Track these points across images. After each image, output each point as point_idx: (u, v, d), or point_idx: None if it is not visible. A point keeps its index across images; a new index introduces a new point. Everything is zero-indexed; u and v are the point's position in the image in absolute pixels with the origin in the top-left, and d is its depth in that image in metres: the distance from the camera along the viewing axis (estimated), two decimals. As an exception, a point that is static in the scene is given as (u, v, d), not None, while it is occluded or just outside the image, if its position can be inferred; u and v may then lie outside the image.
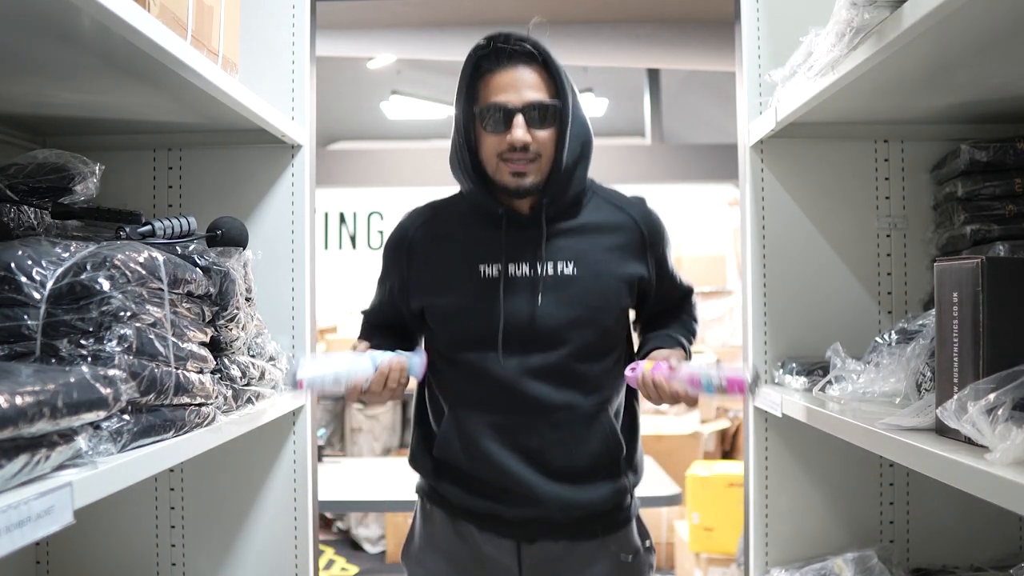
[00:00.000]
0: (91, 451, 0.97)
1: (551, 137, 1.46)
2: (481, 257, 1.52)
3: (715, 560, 3.92)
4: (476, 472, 1.52)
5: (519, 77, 1.44)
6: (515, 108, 1.43)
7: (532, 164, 1.46)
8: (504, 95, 1.44)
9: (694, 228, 7.69)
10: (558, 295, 1.50)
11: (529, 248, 1.51)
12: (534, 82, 1.45)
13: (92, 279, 1.04)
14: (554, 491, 1.50)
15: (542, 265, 1.50)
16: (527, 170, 1.46)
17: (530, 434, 1.50)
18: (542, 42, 1.47)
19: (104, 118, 1.66)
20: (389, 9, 4.87)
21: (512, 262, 1.51)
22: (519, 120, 1.43)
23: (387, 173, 7.56)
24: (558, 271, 1.51)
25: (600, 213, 1.56)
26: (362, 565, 5.01)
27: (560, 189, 1.50)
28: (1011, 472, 0.86)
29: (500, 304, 1.49)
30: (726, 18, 2.03)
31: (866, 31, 1.23)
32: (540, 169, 1.47)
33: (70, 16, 1.03)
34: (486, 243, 1.53)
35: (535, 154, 1.45)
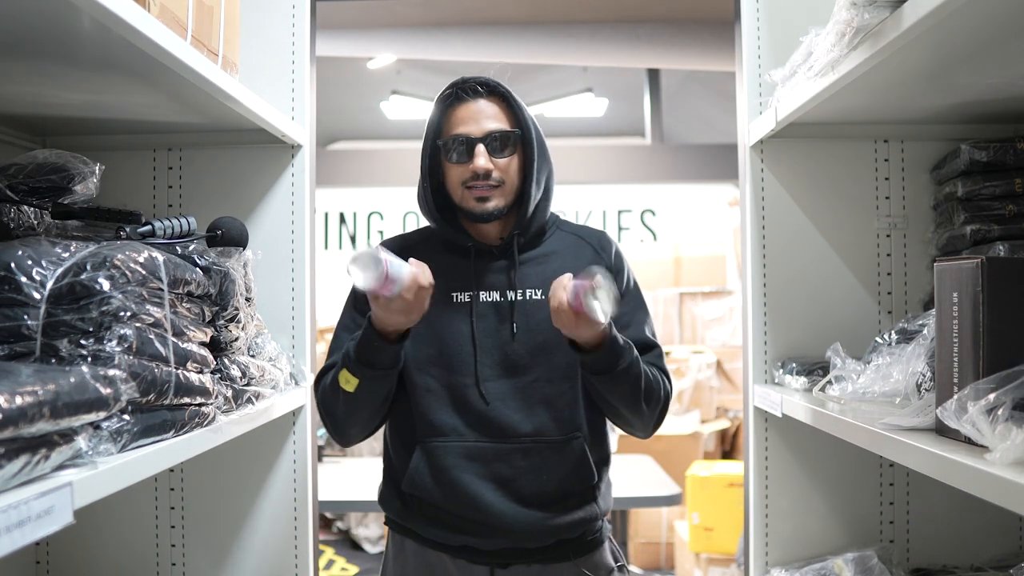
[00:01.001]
0: (91, 451, 0.97)
1: (512, 164, 1.52)
2: (452, 284, 1.54)
3: (715, 560, 3.92)
4: (448, 504, 1.51)
5: (479, 109, 1.52)
6: (476, 138, 1.50)
7: (495, 190, 1.51)
8: (465, 127, 1.51)
9: (694, 228, 7.69)
10: (527, 320, 1.53)
11: (499, 276, 1.55)
12: (494, 113, 1.52)
13: (92, 279, 1.04)
14: (526, 519, 1.50)
15: (512, 291, 1.54)
16: (490, 195, 1.51)
17: (501, 462, 1.50)
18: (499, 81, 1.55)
19: (104, 118, 1.66)
20: (389, 9, 4.87)
21: (483, 289, 1.55)
22: (480, 149, 1.49)
23: (387, 173, 7.56)
24: (527, 296, 1.54)
25: (562, 242, 1.61)
26: (362, 565, 5.01)
27: (528, 218, 1.55)
28: (1011, 472, 0.86)
29: (472, 326, 1.52)
30: (726, 18, 2.03)
31: (866, 31, 1.23)
32: (504, 194, 1.52)
33: (70, 16, 1.03)
34: (457, 271, 1.55)
35: (498, 181, 1.51)
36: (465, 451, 1.50)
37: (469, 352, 1.51)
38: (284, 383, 1.69)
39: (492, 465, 1.50)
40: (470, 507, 1.50)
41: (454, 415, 1.51)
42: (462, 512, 1.50)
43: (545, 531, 1.51)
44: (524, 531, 1.50)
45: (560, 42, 5.30)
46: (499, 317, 1.53)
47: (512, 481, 1.50)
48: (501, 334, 1.52)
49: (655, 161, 7.57)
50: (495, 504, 1.49)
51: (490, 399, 1.50)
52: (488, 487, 1.50)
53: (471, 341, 1.52)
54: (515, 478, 1.50)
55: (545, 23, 5.20)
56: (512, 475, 1.50)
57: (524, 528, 1.50)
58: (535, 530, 1.50)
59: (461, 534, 1.51)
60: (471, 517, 1.50)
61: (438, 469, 1.50)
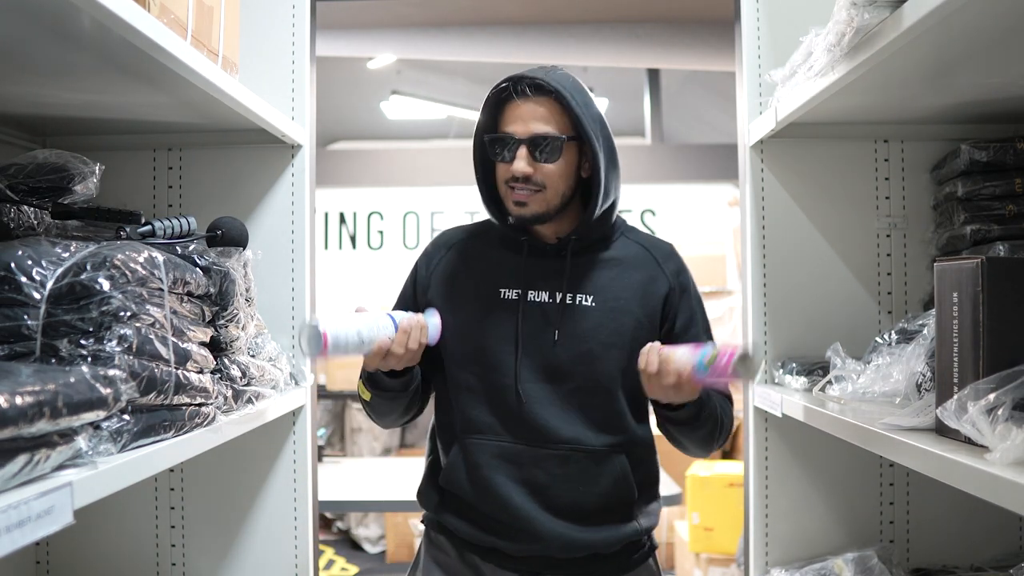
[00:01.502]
0: (91, 451, 0.97)
1: (557, 171, 1.46)
2: (502, 281, 1.52)
3: (715, 560, 3.92)
4: (480, 504, 1.49)
5: (529, 109, 1.45)
6: (519, 139, 1.44)
7: (535, 195, 1.46)
8: (512, 126, 1.45)
9: (694, 228, 7.69)
10: (574, 326, 1.48)
11: (550, 276, 1.51)
12: (543, 115, 1.45)
13: (92, 279, 1.04)
14: (557, 529, 1.46)
15: (561, 294, 1.50)
16: (528, 200, 1.46)
17: (536, 468, 1.47)
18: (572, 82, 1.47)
19: (104, 118, 1.66)
20: (389, 9, 4.87)
21: (531, 288, 1.51)
22: (522, 151, 1.44)
23: (387, 173, 7.56)
24: (577, 302, 1.50)
25: (625, 251, 1.55)
26: (362, 565, 5.01)
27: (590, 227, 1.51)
28: (1011, 472, 0.86)
29: (517, 325, 1.49)
30: (726, 18, 2.03)
31: (866, 31, 1.23)
32: (546, 200, 1.47)
33: (70, 16, 1.03)
34: (508, 267, 1.53)
35: (538, 185, 1.45)
36: (500, 451, 1.48)
37: (510, 351, 1.48)
38: (284, 383, 1.69)
39: (525, 469, 1.47)
40: (500, 508, 1.47)
41: (491, 413, 1.48)
42: (492, 512, 1.48)
43: (576, 544, 1.47)
44: (553, 540, 1.46)
45: (560, 42, 5.29)
46: (544, 319, 1.49)
47: (546, 488, 1.47)
48: (544, 337, 1.48)
49: (655, 161, 7.57)
50: (524, 509, 1.46)
51: (527, 400, 1.46)
52: (519, 491, 1.47)
53: (514, 340, 1.48)
54: (549, 485, 1.47)
55: (545, 23, 5.20)
56: (546, 482, 1.47)
57: (553, 537, 1.46)
58: (565, 541, 1.47)
59: (490, 534, 1.49)
60: (500, 517, 1.48)
61: (473, 466, 1.48)
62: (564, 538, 1.47)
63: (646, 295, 1.52)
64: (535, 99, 1.45)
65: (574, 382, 1.48)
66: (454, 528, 1.53)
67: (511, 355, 1.48)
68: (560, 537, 1.46)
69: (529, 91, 1.45)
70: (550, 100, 1.45)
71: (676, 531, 4.43)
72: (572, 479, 1.47)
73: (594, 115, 1.47)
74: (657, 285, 1.53)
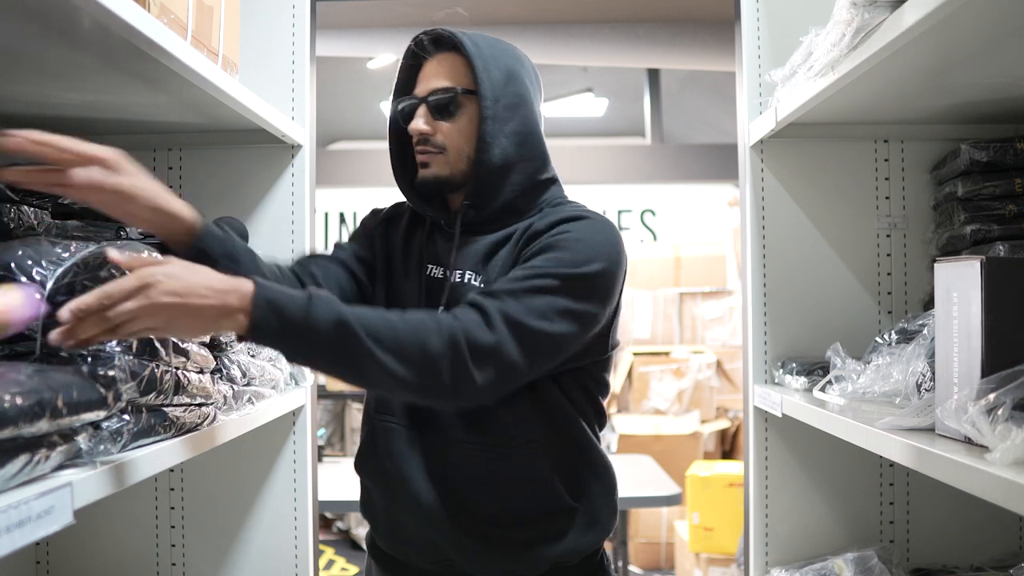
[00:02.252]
0: (91, 451, 0.97)
1: (458, 128, 1.34)
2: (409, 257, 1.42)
3: (715, 560, 3.92)
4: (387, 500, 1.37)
5: (431, 67, 1.36)
6: (420, 99, 1.35)
7: (437, 156, 1.35)
8: (417, 87, 1.38)
9: (694, 228, 7.69)
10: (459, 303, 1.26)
11: (445, 253, 1.38)
12: (444, 71, 1.34)
13: (92, 279, 1.04)
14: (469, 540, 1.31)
15: (450, 272, 1.35)
16: (430, 161, 1.35)
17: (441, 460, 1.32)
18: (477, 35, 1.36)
19: (104, 118, 1.66)
20: (389, 9, 4.87)
21: (429, 263, 1.39)
22: (421, 110, 1.34)
23: (387, 173, 7.53)
24: (465, 280, 1.34)
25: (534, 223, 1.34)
26: (362, 565, 5.01)
27: (485, 191, 1.34)
28: (1011, 472, 0.86)
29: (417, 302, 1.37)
30: (726, 18, 2.03)
31: (866, 31, 1.23)
32: (448, 162, 1.34)
33: (70, 16, 1.03)
34: (416, 245, 1.43)
35: (438, 146, 1.34)
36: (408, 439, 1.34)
37: None
38: (284, 383, 1.69)
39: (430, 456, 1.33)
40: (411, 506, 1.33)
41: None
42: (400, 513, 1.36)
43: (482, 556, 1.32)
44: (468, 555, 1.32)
45: (560, 42, 5.29)
46: (436, 298, 1.35)
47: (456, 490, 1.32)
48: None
49: (655, 161, 7.57)
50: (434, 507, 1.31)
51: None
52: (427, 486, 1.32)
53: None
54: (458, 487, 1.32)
55: (545, 23, 5.20)
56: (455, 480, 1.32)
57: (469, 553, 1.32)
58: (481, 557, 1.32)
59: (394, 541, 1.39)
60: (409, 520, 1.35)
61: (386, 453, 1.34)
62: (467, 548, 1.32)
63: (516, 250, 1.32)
64: (437, 55, 1.36)
65: None
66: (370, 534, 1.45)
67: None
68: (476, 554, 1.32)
69: (430, 48, 1.36)
70: (453, 54, 1.35)
71: (676, 531, 4.43)
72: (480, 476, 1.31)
73: (501, 66, 1.32)
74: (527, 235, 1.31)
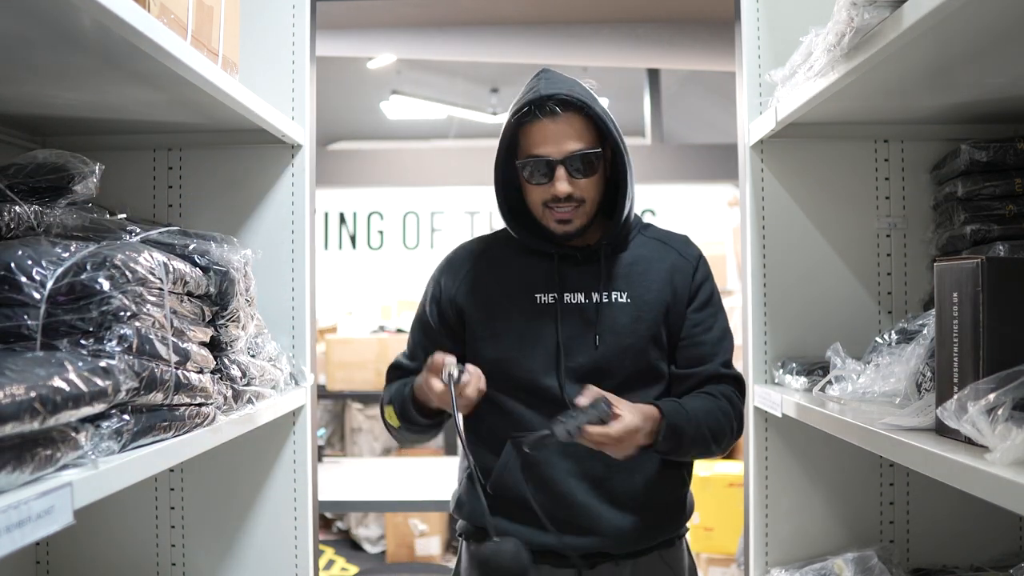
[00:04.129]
0: (92, 450, 0.97)
1: (594, 183, 1.49)
2: (537, 286, 1.54)
3: (715, 560, 3.92)
4: (537, 499, 1.47)
5: (558, 129, 1.45)
6: (556, 160, 1.45)
7: (577, 210, 1.49)
8: (544, 147, 1.45)
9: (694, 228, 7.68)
10: (613, 323, 1.51)
11: (584, 278, 1.54)
12: (575, 132, 1.45)
13: (92, 279, 1.04)
14: (617, 521, 1.48)
15: (597, 294, 1.53)
16: (572, 216, 1.49)
17: (594, 459, 1.46)
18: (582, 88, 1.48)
19: (104, 118, 1.66)
20: (389, 9, 4.87)
21: (567, 291, 1.53)
22: (560, 172, 1.45)
23: (387, 173, 7.56)
24: (613, 299, 1.52)
25: (646, 247, 1.59)
26: (362, 565, 5.01)
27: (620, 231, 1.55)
28: (1011, 472, 0.86)
29: (557, 328, 1.51)
30: (726, 18, 2.03)
31: (866, 31, 1.23)
32: (585, 213, 1.50)
33: (70, 16, 1.03)
34: (540, 273, 1.55)
35: (579, 200, 1.48)
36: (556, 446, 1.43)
37: (552, 355, 1.50)
38: (284, 383, 1.69)
39: (584, 462, 1.48)
40: (561, 504, 1.48)
41: (541, 414, 1.48)
42: (553, 510, 1.47)
43: (636, 536, 1.50)
44: (615, 533, 1.49)
45: (560, 42, 5.29)
46: (584, 320, 1.51)
47: (605, 480, 1.48)
48: (586, 337, 1.51)
49: (655, 161, 7.57)
50: (586, 504, 1.48)
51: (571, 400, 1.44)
52: (579, 484, 1.48)
53: (555, 343, 1.50)
54: (608, 477, 1.48)
55: (545, 23, 5.20)
56: (605, 473, 1.48)
57: (613, 530, 1.48)
58: (627, 534, 1.49)
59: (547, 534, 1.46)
60: (562, 516, 1.48)
61: (528, 464, 1.48)
62: (623, 530, 1.49)
63: (673, 281, 1.56)
64: (563, 116, 1.45)
65: (619, 377, 1.50)
66: (503, 530, 1.49)
67: (552, 358, 1.50)
68: (618, 529, 1.48)
69: (556, 109, 1.44)
70: (576, 115, 1.46)
71: (676, 531, 4.43)
72: (628, 468, 1.47)
73: (613, 120, 1.48)
74: (682, 269, 1.58)
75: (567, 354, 1.50)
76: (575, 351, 1.50)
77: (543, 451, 1.46)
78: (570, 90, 1.45)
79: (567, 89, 1.45)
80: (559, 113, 1.44)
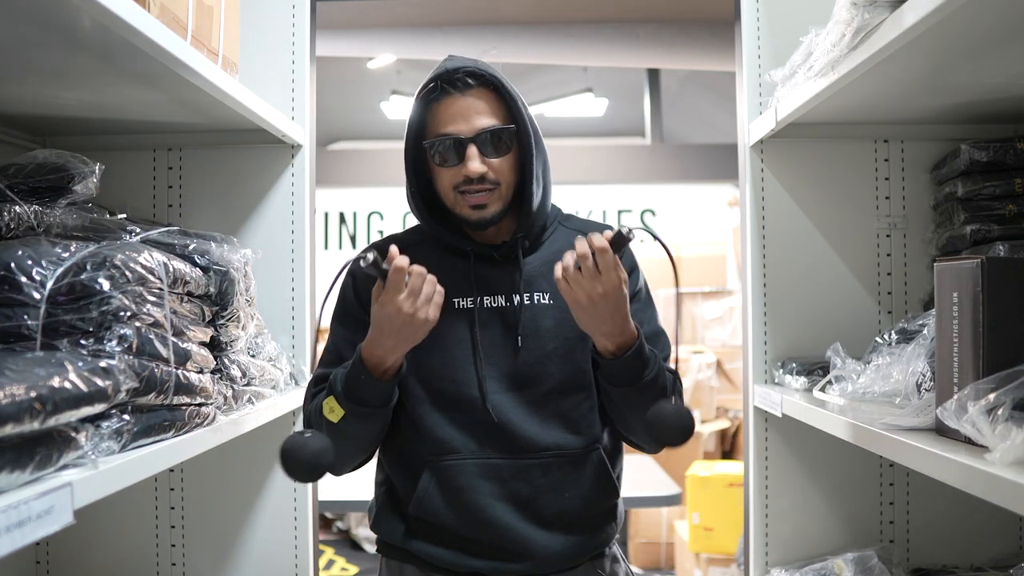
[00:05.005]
0: (92, 450, 0.97)
1: (509, 163, 1.37)
2: (453, 290, 1.39)
3: (715, 560, 3.92)
4: (462, 528, 1.38)
5: (467, 104, 1.34)
6: (467, 138, 1.34)
7: (492, 194, 1.36)
8: (453, 125, 1.34)
9: (694, 228, 7.69)
10: (536, 326, 1.40)
11: (503, 280, 1.42)
12: (484, 107, 1.35)
13: (92, 279, 1.04)
14: (549, 543, 1.39)
15: (518, 296, 1.40)
16: (487, 201, 1.37)
17: (519, 480, 1.38)
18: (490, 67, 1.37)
19: (104, 118, 1.66)
20: (389, 9, 4.87)
21: (486, 294, 1.41)
22: (472, 150, 1.34)
23: (387, 173, 7.56)
24: (535, 300, 1.41)
25: (567, 240, 1.41)
26: (362, 565, 5.01)
27: (533, 222, 1.42)
28: (1011, 472, 0.86)
29: (474, 335, 1.39)
30: (726, 18, 2.03)
31: (866, 31, 1.23)
32: (501, 196, 1.38)
33: (70, 16, 1.03)
34: (456, 274, 1.41)
35: (493, 183, 1.36)
36: (479, 469, 1.38)
37: (471, 363, 1.39)
38: (284, 383, 1.69)
39: (509, 484, 1.38)
40: (487, 530, 1.38)
41: (461, 431, 1.38)
42: (477, 536, 1.39)
43: (570, 555, 1.41)
44: (548, 556, 1.39)
45: (560, 42, 5.29)
46: (504, 324, 1.40)
47: (532, 501, 1.39)
48: (507, 342, 1.39)
49: (655, 161, 7.58)
50: (513, 527, 1.38)
51: (498, 414, 1.37)
52: (506, 508, 1.38)
53: (473, 351, 1.39)
54: (535, 497, 1.39)
55: (545, 23, 5.20)
56: (532, 494, 1.39)
57: (547, 553, 1.39)
58: (560, 555, 1.40)
59: (476, 558, 1.39)
60: (487, 539, 1.39)
61: (451, 491, 1.38)
62: (556, 552, 1.40)
63: None
64: (474, 91, 1.35)
65: (544, 385, 1.40)
66: (427, 556, 1.41)
67: (472, 366, 1.39)
68: (555, 552, 1.40)
69: (467, 83, 1.34)
70: (487, 91, 1.36)
71: (676, 531, 4.43)
72: (557, 487, 1.40)
73: (522, 100, 1.38)
74: None
75: (488, 361, 1.38)
76: (496, 357, 1.39)
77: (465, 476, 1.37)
78: (476, 65, 1.35)
79: (473, 64, 1.35)
80: (470, 86, 1.34)
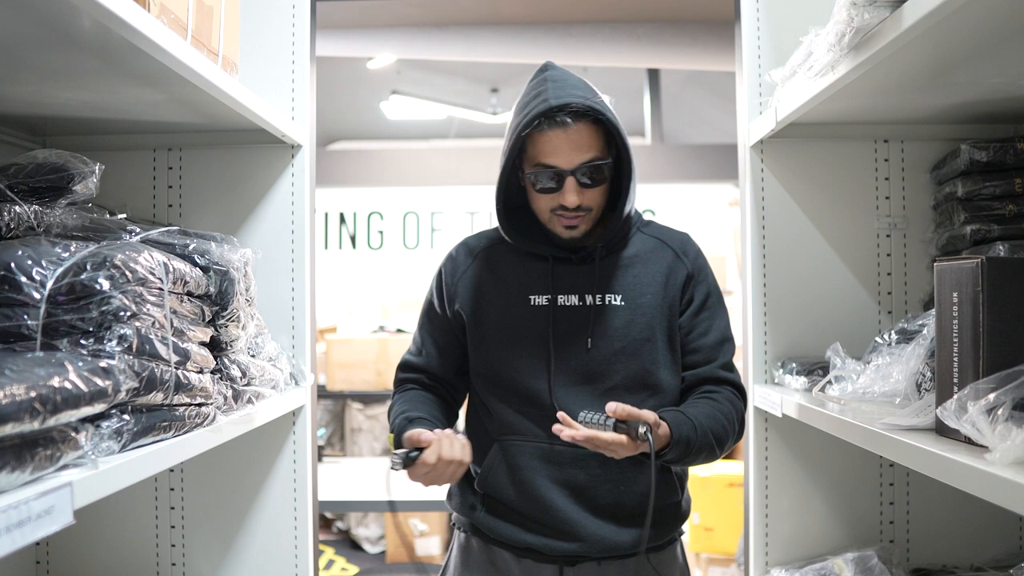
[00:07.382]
0: (92, 450, 0.97)
1: (603, 191, 1.49)
2: (531, 288, 1.53)
3: (715, 560, 3.92)
4: (520, 505, 1.49)
5: (569, 139, 1.42)
6: (566, 171, 1.43)
7: (584, 217, 1.48)
8: (554, 158, 1.43)
9: (694, 228, 7.68)
10: (606, 326, 1.50)
11: (579, 280, 1.52)
12: (585, 142, 1.43)
13: (92, 279, 1.04)
14: (598, 530, 1.47)
15: (591, 296, 1.51)
16: (579, 223, 1.48)
17: (576, 468, 1.47)
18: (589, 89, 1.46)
19: (104, 118, 1.66)
20: (389, 9, 4.87)
21: (560, 293, 1.52)
22: (570, 184, 1.44)
23: (387, 173, 7.56)
24: (607, 302, 1.51)
25: (643, 245, 1.57)
26: (362, 565, 5.01)
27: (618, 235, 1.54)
28: (1011, 472, 0.86)
29: (549, 330, 1.49)
30: (726, 18, 2.03)
31: (866, 31, 1.23)
32: (591, 219, 1.50)
33: (70, 16, 1.03)
34: (536, 274, 1.53)
35: (587, 209, 1.48)
36: (540, 452, 1.48)
37: (544, 357, 1.49)
38: (284, 383, 1.69)
39: (566, 469, 1.48)
40: (541, 510, 1.48)
41: (527, 418, 1.50)
42: (533, 514, 1.49)
43: (616, 544, 1.47)
44: (595, 541, 1.47)
45: (560, 42, 5.29)
46: (577, 322, 1.50)
47: (588, 489, 1.48)
48: (578, 340, 1.49)
49: (655, 161, 7.57)
50: (566, 510, 1.47)
51: (562, 406, 1.45)
52: (560, 492, 1.47)
53: (547, 347, 1.49)
54: (591, 486, 1.48)
55: (545, 23, 5.20)
56: (588, 482, 1.47)
57: (596, 538, 1.47)
58: (605, 541, 1.47)
59: (530, 534, 1.49)
60: (541, 518, 1.48)
61: (513, 468, 1.49)
62: (605, 539, 1.47)
63: (668, 284, 1.54)
64: (574, 127, 1.42)
65: (610, 381, 1.49)
66: (489, 529, 1.53)
67: (544, 360, 1.49)
68: (602, 539, 1.47)
69: (567, 120, 1.41)
70: (586, 123, 1.43)
71: (676, 531, 4.43)
72: (614, 479, 1.47)
73: (620, 124, 1.46)
74: (677, 272, 1.55)
75: (558, 357, 1.49)
76: (566, 354, 1.49)
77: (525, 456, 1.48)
78: (581, 98, 1.42)
79: (578, 97, 1.41)
80: (570, 124, 1.41)
